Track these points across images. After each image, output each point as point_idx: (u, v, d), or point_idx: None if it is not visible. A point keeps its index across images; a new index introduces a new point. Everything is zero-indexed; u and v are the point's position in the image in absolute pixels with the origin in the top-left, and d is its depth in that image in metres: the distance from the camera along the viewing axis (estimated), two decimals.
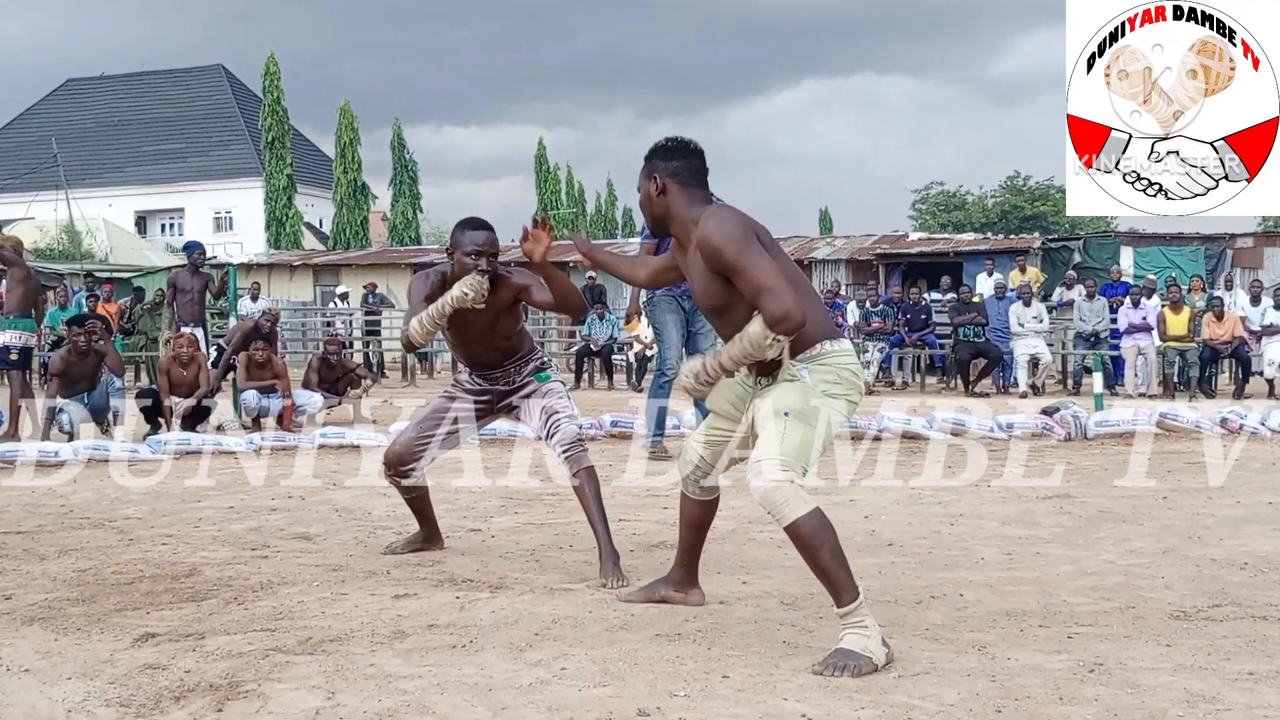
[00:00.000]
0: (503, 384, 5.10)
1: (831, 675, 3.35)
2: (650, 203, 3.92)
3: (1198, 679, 3.36)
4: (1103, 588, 4.54)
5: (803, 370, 3.63)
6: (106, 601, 4.40)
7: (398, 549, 5.32)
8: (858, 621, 3.47)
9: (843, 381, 3.65)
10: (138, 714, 3.12)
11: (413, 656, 3.64)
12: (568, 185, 52.26)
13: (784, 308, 3.47)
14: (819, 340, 3.65)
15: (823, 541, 3.50)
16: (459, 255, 4.82)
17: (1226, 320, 15.25)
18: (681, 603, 4.22)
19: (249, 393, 11.13)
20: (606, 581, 4.63)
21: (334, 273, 29.39)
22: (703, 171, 3.92)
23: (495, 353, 5.07)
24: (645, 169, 3.94)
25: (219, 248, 43.91)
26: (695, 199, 3.86)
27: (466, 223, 4.92)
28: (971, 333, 16.32)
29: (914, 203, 54.07)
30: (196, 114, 56.29)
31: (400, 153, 45.26)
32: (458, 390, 5.20)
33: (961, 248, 25.14)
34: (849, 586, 3.50)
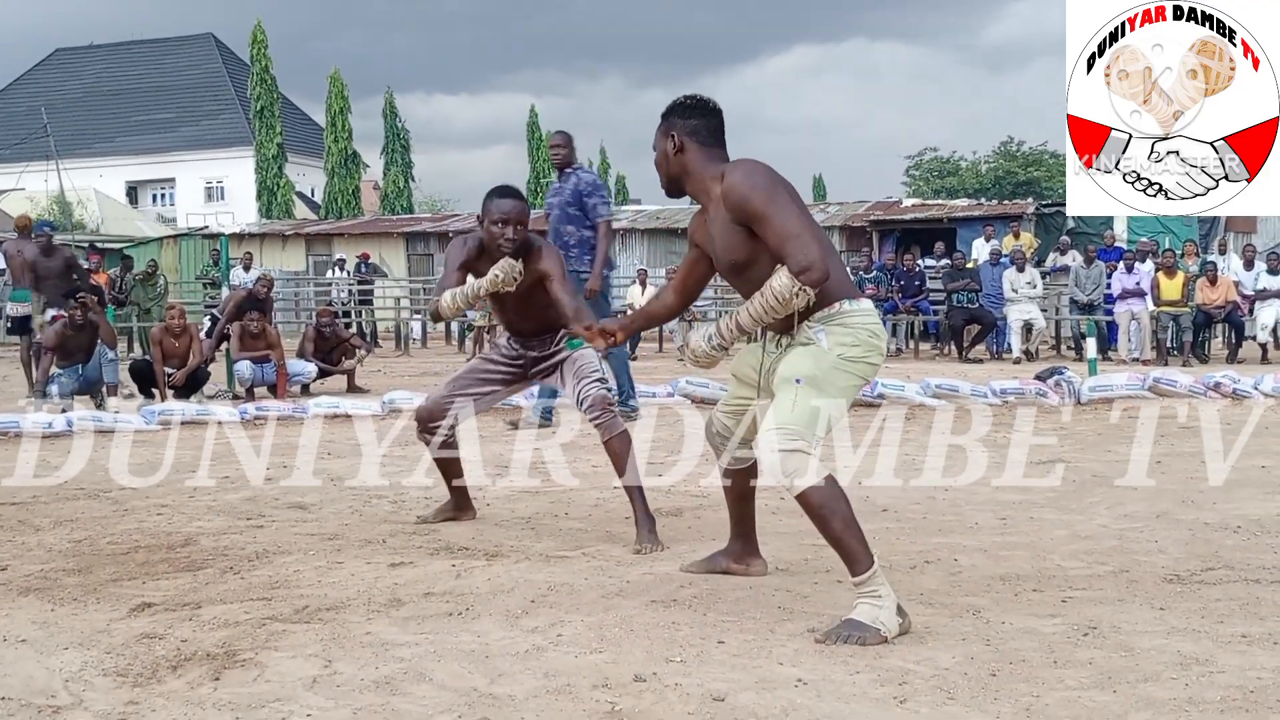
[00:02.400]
0: (537, 350, 5.10)
1: (835, 644, 3.33)
2: (667, 161, 3.84)
3: (1191, 642, 3.37)
4: (1096, 552, 4.56)
5: (819, 333, 3.55)
6: (102, 571, 4.41)
7: (429, 519, 5.30)
8: (871, 591, 3.43)
9: (861, 344, 3.57)
10: (135, 683, 3.13)
11: (409, 624, 3.65)
12: None
13: (810, 257, 3.40)
14: (838, 299, 3.57)
15: (834, 511, 3.45)
16: (487, 223, 4.81)
17: (1220, 285, 15.25)
18: (743, 574, 4.17)
19: (243, 363, 11.12)
20: (642, 547, 4.63)
21: (326, 242, 29.32)
22: (721, 131, 3.84)
23: (532, 321, 5.06)
24: (662, 127, 3.85)
25: (210, 218, 43.84)
26: (713, 158, 3.78)
27: (496, 191, 4.90)
28: (965, 299, 16.33)
29: (907, 169, 53.95)
30: (186, 83, 55.94)
31: (392, 121, 45.02)
32: (494, 353, 5.21)
33: (955, 214, 25.09)
34: (863, 556, 3.45)
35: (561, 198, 8.68)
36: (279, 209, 42.10)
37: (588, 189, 8.60)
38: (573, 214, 8.60)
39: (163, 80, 56.32)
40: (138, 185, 55.03)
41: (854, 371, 3.57)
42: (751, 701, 2.91)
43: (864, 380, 3.65)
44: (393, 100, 45.30)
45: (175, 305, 12.38)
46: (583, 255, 8.56)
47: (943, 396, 9.75)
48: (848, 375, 3.56)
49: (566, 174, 8.73)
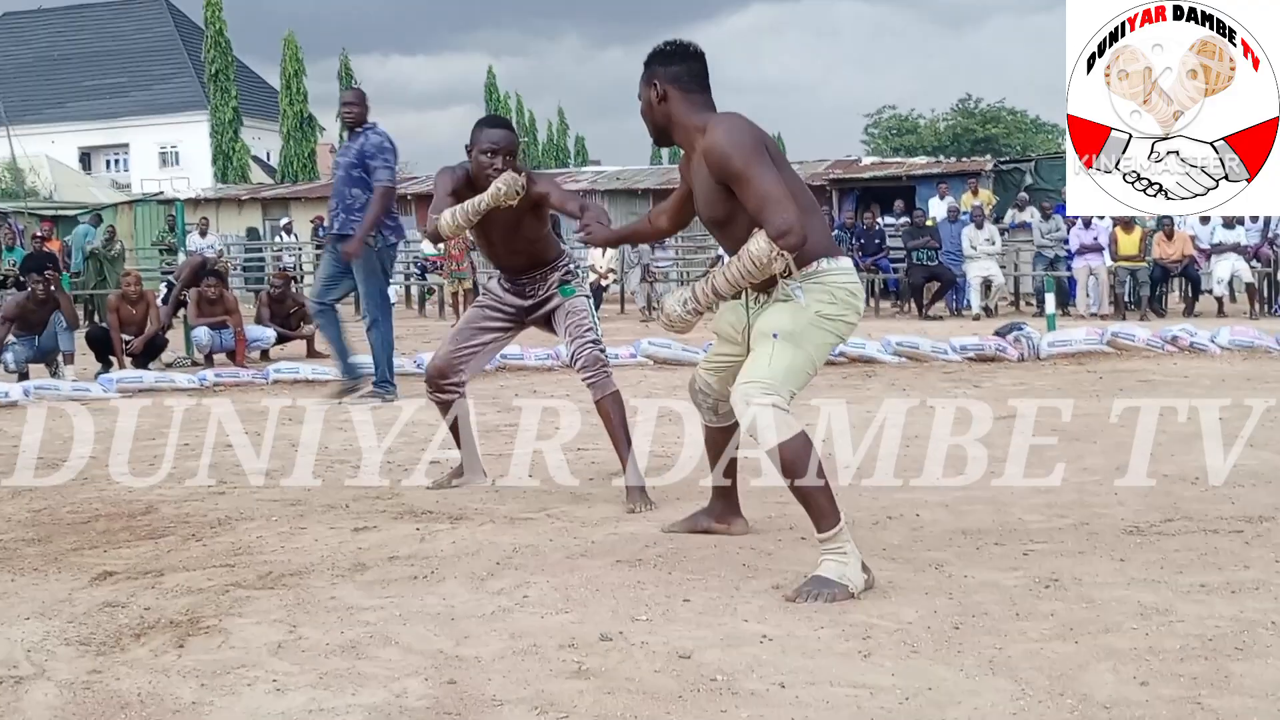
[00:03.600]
0: (529, 294, 5.04)
1: (804, 602, 3.34)
2: (651, 110, 3.77)
3: (1151, 592, 3.41)
4: (1057, 505, 4.60)
5: (797, 290, 3.53)
6: (63, 541, 4.37)
7: (443, 484, 5.25)
8: (837, 548, 3.44)
9: (838, 301, 3.56)
10: (98, 652, 3.11)
11: (374, 588, 3.64)
12: (518, 115, 51.78)
13: (788, 221, 3.36)
14: (816, 258, 3.55)
15: (805, 467, 3.44)
16: (476, 153, 4.79)
17: (1176, 239, 15.37)
18: (725, 533, 4.17)
19: (201, 329, 11.04)
20: (634, 507, 4.62)
21: (283, 206, 29.05)
22: (704, 75, 3.77)
23: (521, 256, 5.01)
24: (645, 75, 3.78)
25: (165, 183, 43.33)
26: (698, 104, 3.72)
27: (485, 120, 4.92)
28: (924, 256, 16.38)
29: (866, 127, 54.11)
30: (138, 47, 55.22)
31: (348, 83, 44.57)
32: (489, 299, 5.16)
33: (914, 171, 25.13)
34: (830, 512, 3.45)
35: (347, 158, 8.16)
36: (234, 173, 41.74)
37: (373, 150, 8.01)
38: (356, 176, 8.05)
39: (114, 44, 55.58)
40: (91, 151, 54.34)
41: (831, 329, 3.57)
42: (717, 658, 2.92)
43: (840, 338, 3.65)
44: (348, 62, 44.93)
45: (131, 272, 12.26)
46: None
47: (903, 354, 9.80)
48: (824, 333, 3.56)
49: (356, 134, 8.16)
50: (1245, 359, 9.47)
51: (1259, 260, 15.55)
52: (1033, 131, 51.22)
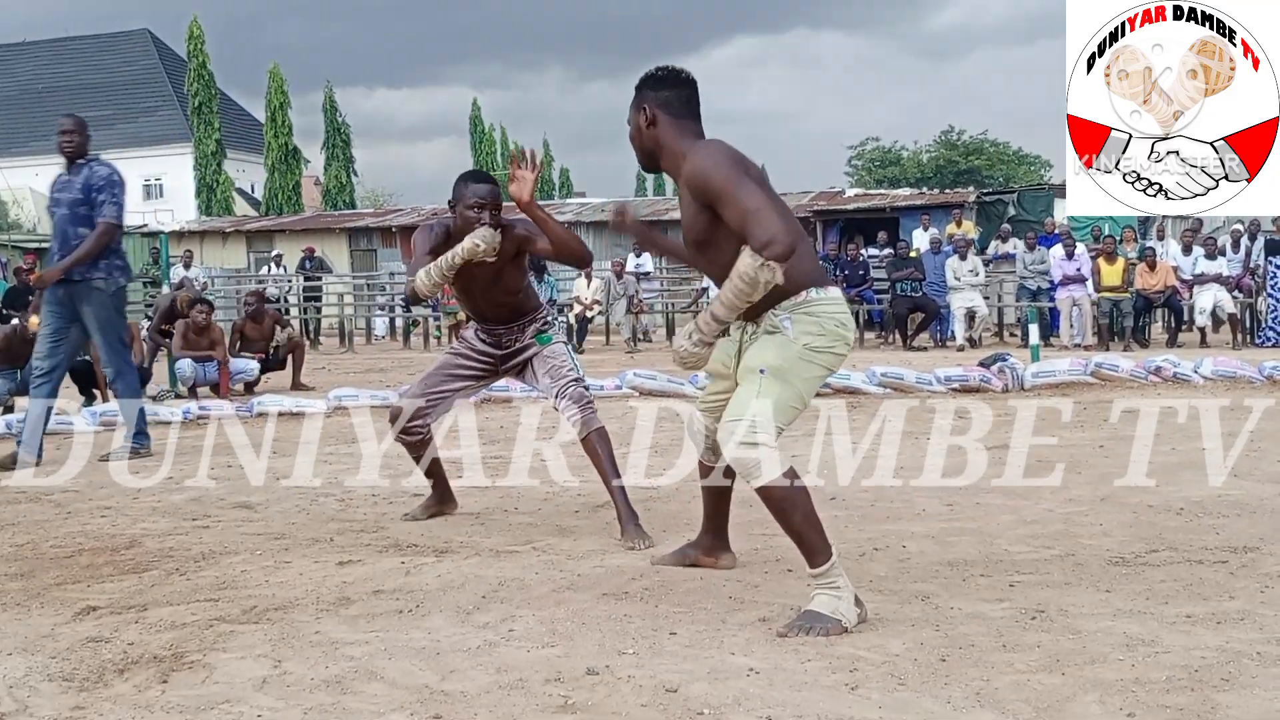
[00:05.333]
0: (506, 344, 5.03)
1: (796, 636, 3.32)
2: (640, 135, 3.75)
3: (1137, 623, 3.41)
4: (1042, 536, 4.60)
5: (785, 320, 3.50)
6: (46, 575, 4.34)
7: (417, 515, 5.25)
8: (829, 582, 3.42)
9: (827, 333, 3.52)
10: (81, 687, 3.09)
11: (359, 623, 3.63)
12: (503, 146, 51.89)
13: (770, 231, 3.31)
14: (805, 287, 3.51)
15: (795, 504, 3.42)
16: (461, 209, 4.74)
17: (1159, 270, 15.45)
18: (712, 567, 4.15)
19: (184, 362, 11.01)
20: (632, 544, 4.57)
21: (267, 238, 29.05)
22: (694, 102, 3.75)
23: (501, 308, 4.99)
24: (635, 100, 3.76)
25: (150, 215, 43.26)
26: (686, 131, 3.70)
27: (469, 175, 4.85)
28: (909, 288, 16.44)
29: (850, 159, 54.39)
30: (123, 80, 55.24)
31: (332, 115, 44.71)
32: (464, 347, 5.13)
33: (898, 203, 25.25)
34: (822, 548, 3.43)
35: (70, 194, 7.23)
36: (219, 206, 41.70)
37: (100, 183, 7.19)
38: (83, 214, 7.17)
39: (99, 77, 55.58)
40: None
41: (819, 362, 3.53)
42: (704, 692, 2.91)
43: (829, 370, 3.61)
44: (333, 95, 45.00)
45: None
46: (97, 261, 7.17)
47: (888, 385, 9.82)
48: (813, 365, 3.53)
49: (79, 165, 7.30)
50: (1229, 389, 9.50)
51: (1241, 291, 15.65)
52: (1015, 163, 51.58)
